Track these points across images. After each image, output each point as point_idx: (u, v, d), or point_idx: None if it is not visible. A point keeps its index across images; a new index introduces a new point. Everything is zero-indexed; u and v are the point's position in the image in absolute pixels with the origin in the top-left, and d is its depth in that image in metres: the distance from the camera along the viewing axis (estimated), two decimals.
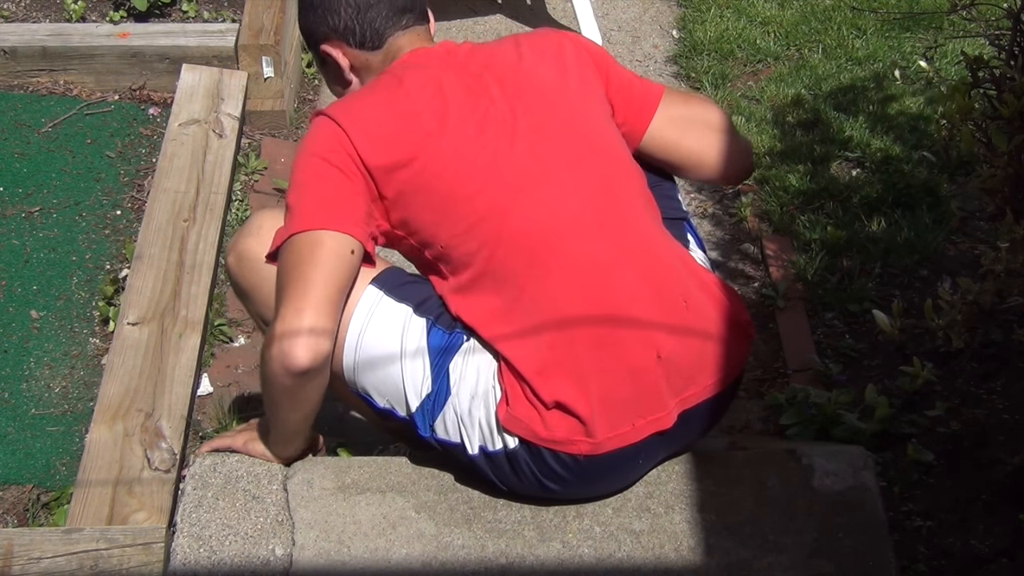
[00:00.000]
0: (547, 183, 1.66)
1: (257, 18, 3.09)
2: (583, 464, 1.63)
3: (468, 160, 1.65)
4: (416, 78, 1.70)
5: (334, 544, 1.69)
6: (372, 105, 1.69)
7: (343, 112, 1.68)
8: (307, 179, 1.65)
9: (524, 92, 1.71)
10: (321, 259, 1.59)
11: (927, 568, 1.86)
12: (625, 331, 1.63)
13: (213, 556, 1.69)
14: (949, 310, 2.06)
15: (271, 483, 1.78)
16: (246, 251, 1.72)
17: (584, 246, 1.64)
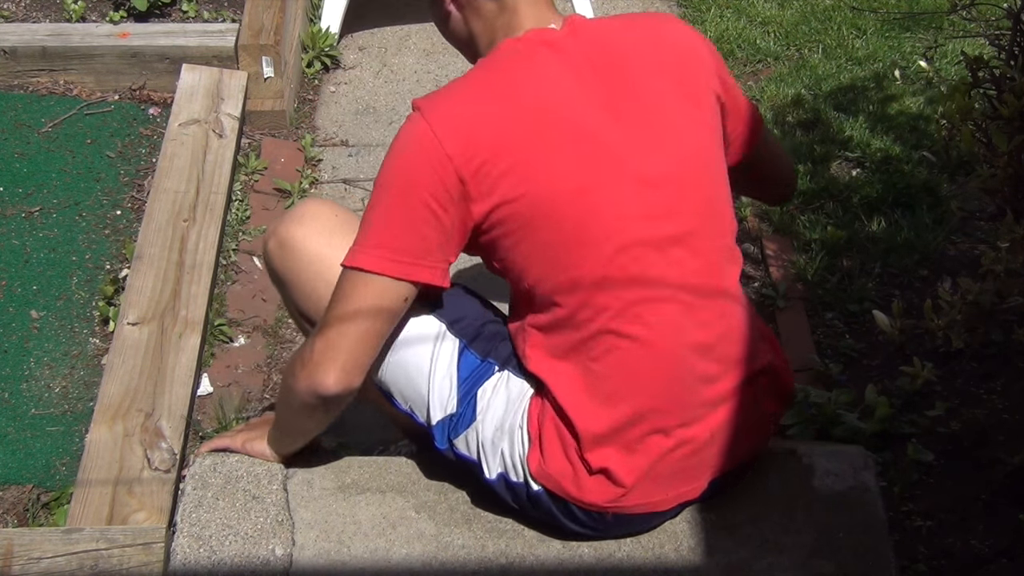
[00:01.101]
0: (658, 248, 1.52)
1: (257, 18, 3.09)
2: (608, 519, 1.63)
3: (585, 205, 1.48)
4: (542, 83, 1.49)
5: (334, 544, 1.69)
6: (487, 119, 1.48)
7: (451, 123, 1.48)
8: (390, 205, 1.49)
9: (652, 122, 1.53)
10: (374, 304, 1.50)
11: (927, 568, 1.86)
12: (692, 416, 1.59)
13: (213, 556, 1.69)
14: (949, 310, 2.06)
15: (271, 483, 1.78)
16: (289, 239, 1.68)
17: (681, 328, 1.55)
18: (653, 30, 1.58)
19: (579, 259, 1.49)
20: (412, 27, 3.58)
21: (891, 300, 2.40)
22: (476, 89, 1.52)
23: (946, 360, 2.27)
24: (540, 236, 1.48)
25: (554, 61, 1.50)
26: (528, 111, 1.48)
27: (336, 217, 1.70)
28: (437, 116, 1.48)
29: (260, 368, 2.48)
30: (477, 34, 1.59)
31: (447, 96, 1.52)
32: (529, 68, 1.51)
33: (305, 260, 1.66)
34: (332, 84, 3.35)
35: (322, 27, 3.38)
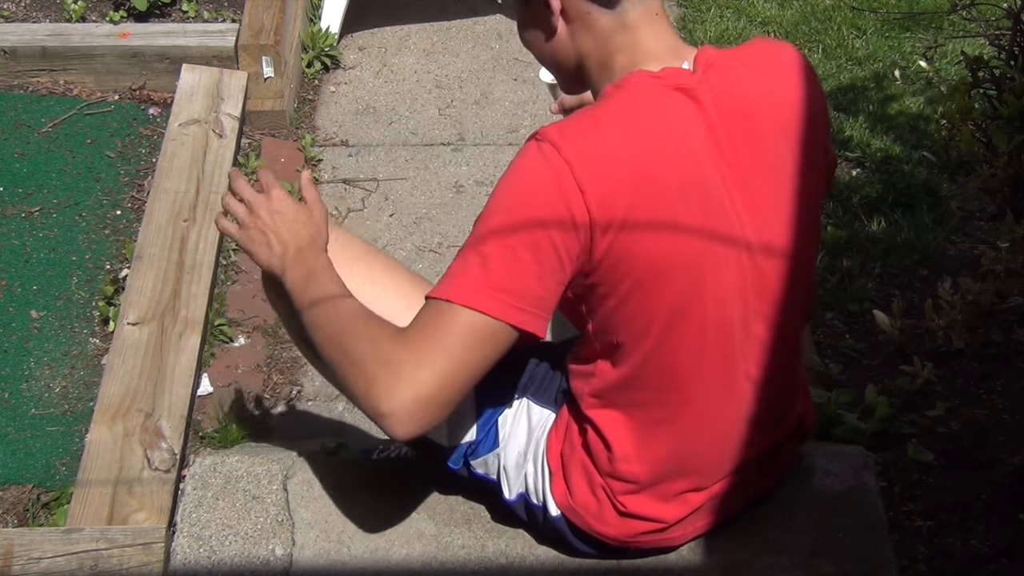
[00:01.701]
0: (745, 327, 1.44)
1: (257, 18, 3.09)
2: (622, 551, 1.62)
3: (697, 278, 1.38)
4: (680, 136, 1.34)
5: (334, 544, 1.69)
6: (628, 165, 1.32)
7: (593, 166, 1.30)
8: (517, 244, 1.32)
9: (775, 190, 1.41)
10: (488, 352, 1.34)
11: (927, 568, 1.86)
12: (728, 473, 1.58)
13: (213, 556, 1.69)
14: (949, 310, 2.06)
15: (271, 483, 1.78)
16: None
17: (747, 405, 1.51)
18: (782, 81, 1.43)
19: (677, 336, 1.40)
20: (412, 27, 3.58)
21: (891, 300, 2.40)
22: (617, 129, 1.33)
23: (946, 360, 2.27)
24: (646, 301, 1.36)
25: (691, 112, 1.35)
26: (665, 165, 1.33)
27: (335, 243, 1.59)
28: (577, 156, 1.30)
29: (260, 368, 2.48)
30: (586, 53, 1.41)
31: (586, 131, 1.33)
32: (668, 116, 1.35)
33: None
34: (332, 84, 3.35)
35: (322, 27, 3.38)
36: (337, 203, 2.94)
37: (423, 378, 1.29)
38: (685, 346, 1.41)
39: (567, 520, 1.59)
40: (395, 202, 2.94)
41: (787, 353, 1.53)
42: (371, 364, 1.33)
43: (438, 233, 2.84)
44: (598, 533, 1.58)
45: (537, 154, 1.32)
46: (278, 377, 2.48)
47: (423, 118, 3.21)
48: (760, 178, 1.39)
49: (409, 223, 2.87)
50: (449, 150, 3.10)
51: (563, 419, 1.57)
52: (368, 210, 2.91)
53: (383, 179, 3.01)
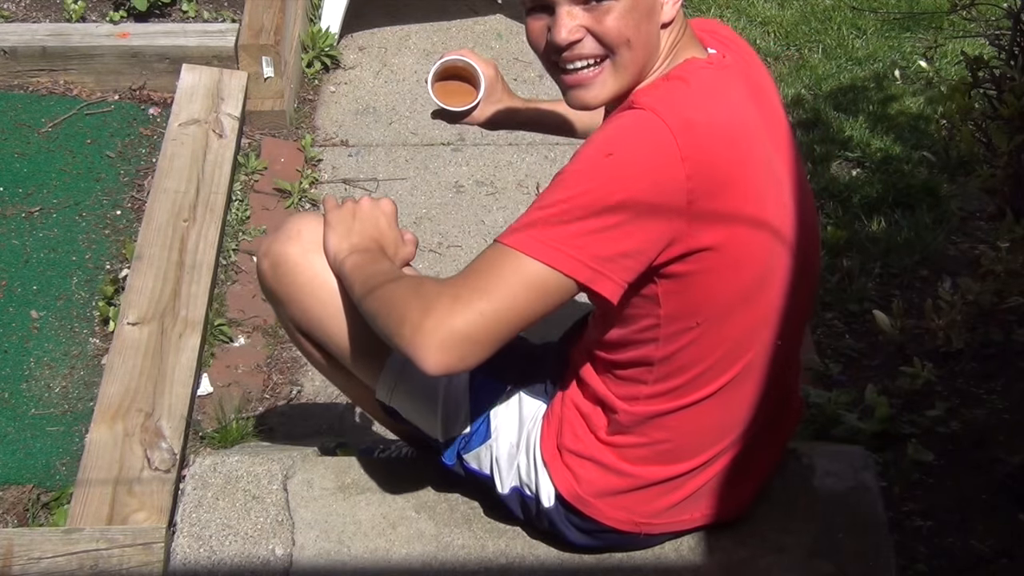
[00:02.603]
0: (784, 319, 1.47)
1: (257, 18, 3.09)
2: (626, 538, 1.62)
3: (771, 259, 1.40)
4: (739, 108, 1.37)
5: (334, 544, 1.69)
6: (720, 134, 1.32)
7: (691, 133, 1.29)
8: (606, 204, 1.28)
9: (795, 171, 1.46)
10: (541, 303, 1.32)
11: (927, 568, 1.86)
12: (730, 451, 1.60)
13: (213, 556, 1.69)
14: (949, 310, 2.06)
15: (271, 483, 1.78)
16: (283, 258, 1.58)
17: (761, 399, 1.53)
18: (749, 51, 1.51)
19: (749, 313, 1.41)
20: (412, 27, 3.58)
21: (891, 300, 2.40)
22: (709, 103, 1.34)
23: (946, 360, 2.27)
24: (734, 275, 1.36)
25: (744, 92, 1.39)
26: (750, 140, 1.35)
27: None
28: (681, 125, 1.29)
29: (260, 368, 2.48)
30: (665, 48, 1.41)
31: (686, 103, 1.32)
32: (733, 95, 1.38)
33: (302, 279, 1.58)
34: (332, 84, 3.35)
35: (322, 27, 3.38)
36: None
37: (459, 310, 1.27)
38: (749, 325, 1.43)
39: (567, 510, 1.58)
40: (395, 202, 2.94)
41: (795, 346, 1.57)
42: (411, 299, 1.32)
43: (438, 233, 2.84)
44: (606, 517, 1.57)
45: (642, 120, 1.30)
46: (278, 377, 2.48)
47: (423, 118, 3.20)
48: (784, 158, 1.43)
49: (409, 223, 2.87)
50: (449, 150, 3.10)
51: (555, 410, 1.58)
52: None
53: (383, 179, 3.01)
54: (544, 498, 1.59)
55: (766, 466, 1.68)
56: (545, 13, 1.38)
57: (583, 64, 1.38)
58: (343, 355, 1.63)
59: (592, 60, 1.38)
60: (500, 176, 3.01)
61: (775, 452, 1.69)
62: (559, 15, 1.36)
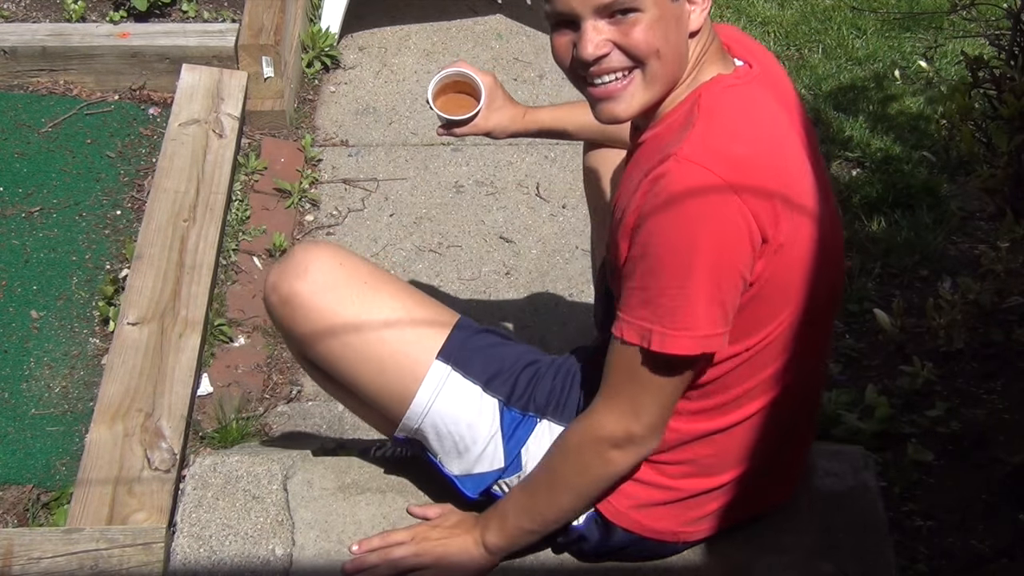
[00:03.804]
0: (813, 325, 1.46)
1: (257, 18, 3.09)
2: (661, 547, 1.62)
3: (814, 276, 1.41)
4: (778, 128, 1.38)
5: (334, 544, 1.69)
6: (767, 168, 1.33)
7: (746, 177, 1.30)
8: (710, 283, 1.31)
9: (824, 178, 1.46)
10: (679, 381, 1.40)
11: (927, 568, 1.86)
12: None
13: (213, 556, 1.69)
14: (949, 310, 2.06)
15: (271, 483, 1.78)
16: (293, 296, 1.55)
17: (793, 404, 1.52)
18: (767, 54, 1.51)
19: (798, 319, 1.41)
20: (412, 27, 3.58)
21: (891, 300, 2.40)
22: (748, 134, 1.34)
23: (946, 360, 2.27)
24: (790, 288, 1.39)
25: (776, 107, 1.40)
26: (788, 158, 1.36)
27: (341, 267, 1.56)
28: (734, 174, 1.29)
29: (260, 368, 2.48)
30: (693, 59, 1.40)
31: (724, 145, 1.32)
32: (768, 114, 1.38)
33: (313, 320, 1.55)
34: (332, 84, 3.35)
35: (322, 27, 3.38)
36: (337, 203, 2.94)
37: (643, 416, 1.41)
38: (799, 341, 1.44)
39: (601, 526, 1.56)
40: (395, 202, 2.94)
41: (825, 352, 1.58)
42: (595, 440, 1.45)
43: (438, 233, 2.84)
44: (644, 528, 1.56)
45: (696, 179, 1.29)
46: (278, 377, 2.48)
47: (423, 118, 3.20)
48: (817, 156, 1.43)
49: (409, 223, 2.87)
50: (449, 150, 3.10)
51: None
52: (368, 210, 2.91)
53: (383, 179, 3.01)
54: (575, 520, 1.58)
55: (798, 465, 1.68)
56: (570, 28, 1.37)
57: (611, 77, 1.37)
58: (365, 393, 1.61)
59: (621, 72, 1.37)
60: (500, 176, 3.01)
61: (806, 450, 1.69)
62: (584, 30, 1.34)
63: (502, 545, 1.57)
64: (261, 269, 2.70)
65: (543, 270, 2.74)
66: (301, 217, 2.89)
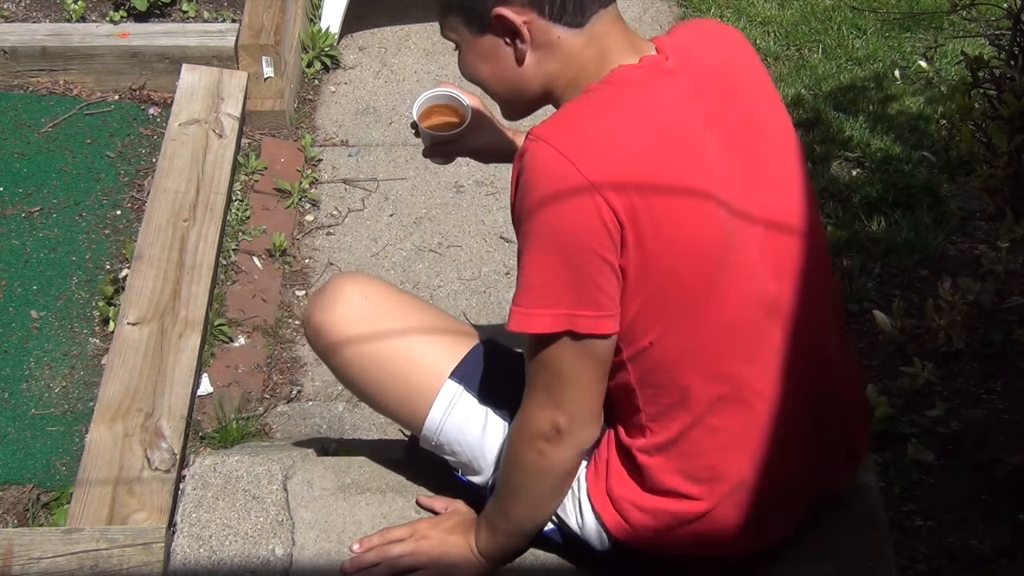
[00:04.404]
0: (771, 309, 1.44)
1: (257, 18, 3.09)
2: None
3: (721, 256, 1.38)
4: (671, 115, 1.37)
5: (334, 544, 1.69)
6: (631, 149, 1.33)
7: (597, 158, 1.31)
8: (557, 262, 1.33)
9: (772, 158, 1.45)
10: (589, 366, 1.39)
11: (927, 568, 1.86)
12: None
13: (213, 556, 1.69)
14: (949, 310, 2.06)
15: (271, 483, 1.78)
16: (322, 328, 1.64)
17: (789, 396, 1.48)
18: (734, 46, 1.50)
19: (704, 322, 1.39)
20: (412, 27, 3.58)
21: (891, 300, 2.40)
22: (615, 116, 1.34)
23: (946, 360, 2.27)
24: (674, 288, 1.37)
25: (682, 94, 1.38)
26: (671, 145, 1.35)
27: (366, 300, 1.63)
28: (582, 155, 1.31)
29: (260, 368, 2.48)
30: (554, 75, 1.41)
31: (581, 126, 1.34)
32: (663, 100, 1.37)
33: (340, 350, 1.64)
34: (332, 84, 3.35)
35: (322, 27, 3.38)
36: (337, 203, 2.94)
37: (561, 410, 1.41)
38: (717, 340, 1.41)
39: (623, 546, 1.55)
40: (395, 202, 2.94)
41: (820, 332, 1.52)
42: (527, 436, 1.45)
43: (438, 233, 2.84)
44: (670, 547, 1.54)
45: (542, 159, 1.33)
46: (278, 377, 2.48)
47: None
48: (758, 150, 1.42)
49: (409, 223, 2.87)
50: None
51: (600, 454, 1.54)
52: (368, 210, 2.91)
53: (383, 179, 3.01)
54: (595, 539, 1.56)
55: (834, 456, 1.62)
56: None
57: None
58: (391, 414, 1.70)
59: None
60: (500, 176, 3.01)
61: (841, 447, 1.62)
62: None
63: (491, 551, 1.59)
64: (261, 269, 2.70)
65: None
66: (301, 217, 2.89)
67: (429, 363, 1.61)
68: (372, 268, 2.73)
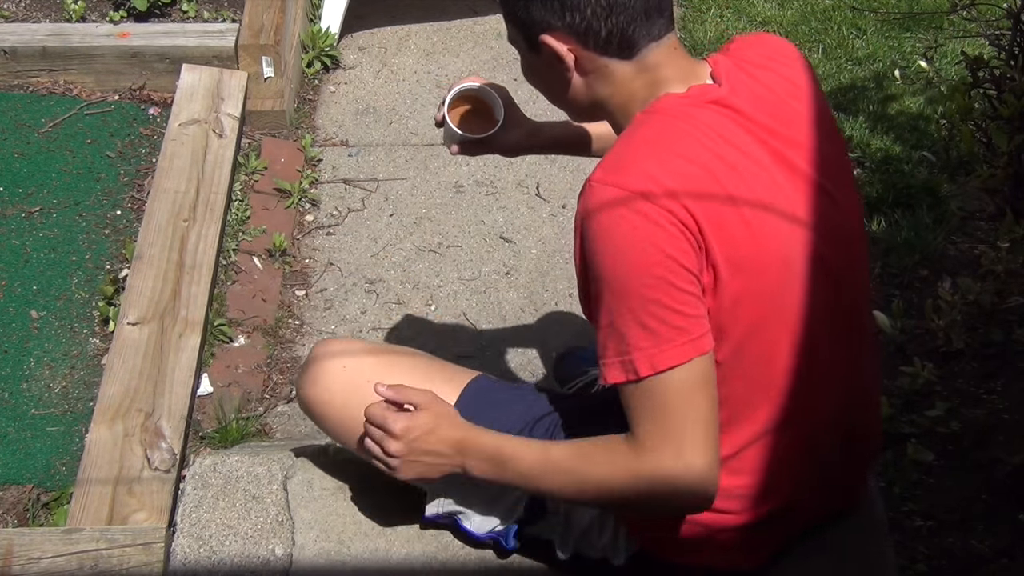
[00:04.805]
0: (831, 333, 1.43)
1: (257, 18, 3.09)
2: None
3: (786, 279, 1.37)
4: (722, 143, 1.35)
5: (334, 544, 1.69)
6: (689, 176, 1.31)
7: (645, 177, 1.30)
8: (645, 289, 1.29)
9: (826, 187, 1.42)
10: (702, 392, 1.33)
11: (927, 568, 1.86)
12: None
13: (213, 556, 1.69)
14: (949, 310, 2.06)
15: (271, 483, 1.78)
16: (308, 403, 1.67)
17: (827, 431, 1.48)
18: (794, 71, 1.47)
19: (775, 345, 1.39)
20: (412, 27, 3.58)
21: (891, 300, 2.40)
22: (662, 147, 1.34)
23: (946, 360, 2.27)
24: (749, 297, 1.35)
25: (730, 122, 1.37)
26: (719, 168, 1.33)
27: (344, 371, 1.64)
28: (637, 180, 1.30)
29: (260, 368, 2.48)
30: (604, 98, 1.42)
31: (632, 159, 1.33)
32: (707, 129, 1.35)
33: (328, 420, 1.66)
34: (332, 84, 3.35)
35: (322, 27, 3.38)
36: (337, 203, 2.94)
37: (687, 456, 1.30)
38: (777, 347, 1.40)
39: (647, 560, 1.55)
40: (395, 202, 2.94)
41: (861, 366, 1.52)
42: (632, 486, 1.34)
43: (438, 233, 2.84)
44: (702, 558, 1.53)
45: (605, 200, 1.30)
46: (278, 377, 2.48)
47: (423, 118, 3.20)
48: (808, 173, 1.40)
49: (409, 223, 2.87)
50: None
51: None
52: (368, 210, 2.91)
53: (383, 179, 3.01)
54: (613, 556, 1.56)
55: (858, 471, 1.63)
56: None
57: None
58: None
59: None
60: (500, 176, 3.01)
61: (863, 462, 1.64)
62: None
63: (484, 476, 1.47)
64: (261, 269, 2.70)
65: (543, 270, 2.74)
66: (301, 217, 2.89)
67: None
68: (372, 268, 2.74)
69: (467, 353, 2.50)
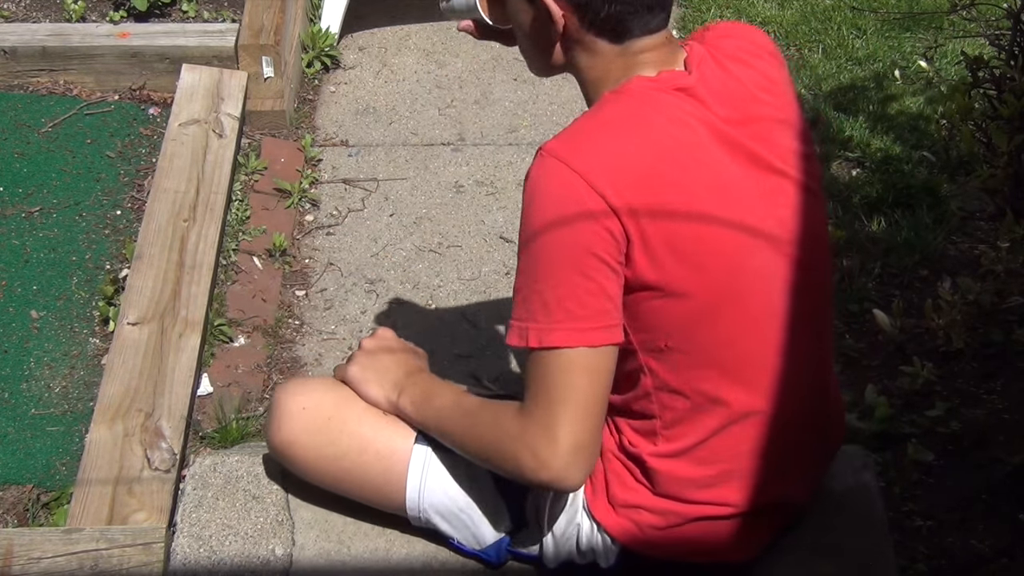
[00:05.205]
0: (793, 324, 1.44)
1: (257, 18, 3.09)
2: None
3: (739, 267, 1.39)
4: (683, 130, 1.37)
5: (334, 544, 1.69)
6: (637, 162, 1.34)
7: (598, 166, 1.32)
8: (556, 268, 1.34)
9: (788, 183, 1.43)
10: (585, 378, 1.36)
11: (927, 568, 1.86)
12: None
13: (213, 556, 1.69)
14: (949, 310, 2.06)
15: (271, 483, 1.78)
16: (275, 448, 1.69)
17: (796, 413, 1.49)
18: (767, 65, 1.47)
19: (719, 331, 1.40)
20: (412, 27, 3.58)
21: (891, 300, 2.40)
22: (622, 132, 1.36)
23: (946, 360, 2.27)
24: (689, 292, 1.37)
25: (694, 110, 1.38)
26: (678, 162, 1.35)
27: (304, 412, 1.64)
28: (586, 164, 1.33)
29: (260, 368, 2.48)
30: (581, 67, 1.44)
31: (592, 138, 1.35)
32: (671, 116, 1.37)
33: (298, 465, 1.68)
34: (332, 84, 3.35)
35: (322, 27, 3.38)
36: (337, 203, 2.94)
37: (555, 431, 1.35)
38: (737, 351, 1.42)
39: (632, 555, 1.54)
40: (395, 202, 2.94)
41: (825, 357, 1.53)
42: (508, 445, 1.40)
43: (438, 233, 2.84)
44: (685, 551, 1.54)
45: (547, 172, 1.34)
46: (278, 377, 2.48)
47: (423, 118, 3.21)
48: (770, 165, 1.42)
49: (409, 223, 2.87)
50: (449, 150, 3.10)
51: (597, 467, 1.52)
52: (368, 210, 2.92)
53: (383, 179, 3.01)
54: (600, 555, 1.55)
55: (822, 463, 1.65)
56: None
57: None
58: (371, 505, 1.69)
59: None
60: (500, 176, 3.01)
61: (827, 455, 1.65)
62: None
63: (404, 415, 1.59)
64: (261, 269, 2.70)
65: None
66: (301, 217, 2.89)
67: (383, 442, 1.59)
68: (372, 268, 2.74)
69: (467, 353, 2.50)
